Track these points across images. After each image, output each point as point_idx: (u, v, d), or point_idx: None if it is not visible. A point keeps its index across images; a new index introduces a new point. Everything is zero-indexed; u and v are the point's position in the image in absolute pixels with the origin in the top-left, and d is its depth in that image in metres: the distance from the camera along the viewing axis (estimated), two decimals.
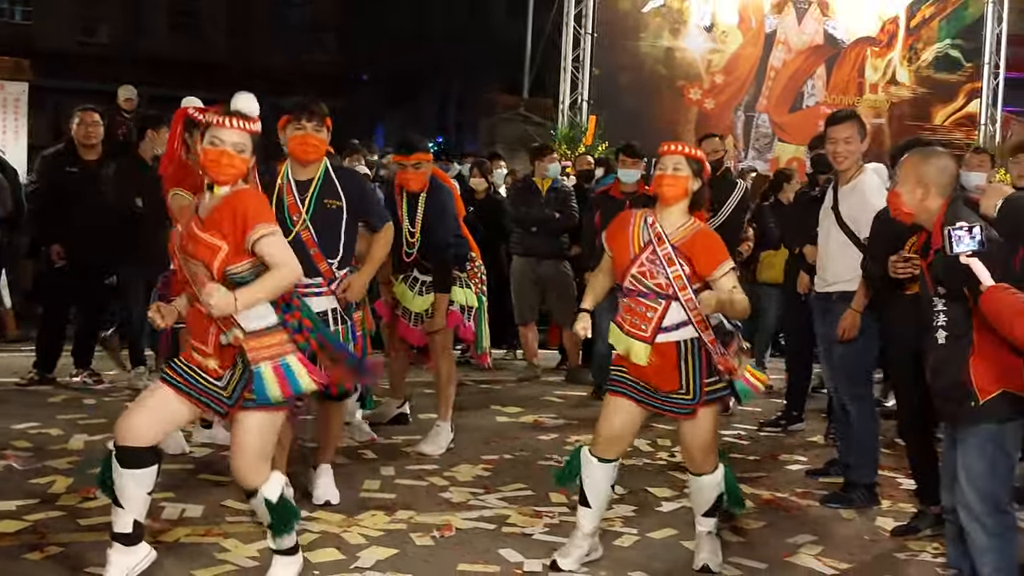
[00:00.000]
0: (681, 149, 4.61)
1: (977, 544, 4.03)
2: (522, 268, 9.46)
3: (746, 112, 15.51)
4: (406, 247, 6.55)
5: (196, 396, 4.09)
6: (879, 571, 4.85)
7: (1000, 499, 4.04)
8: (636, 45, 15.07)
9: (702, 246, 4.53)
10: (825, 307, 5.92)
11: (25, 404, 7.42)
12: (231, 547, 4.68)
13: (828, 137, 5.81)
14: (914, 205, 4.13)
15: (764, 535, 5.29)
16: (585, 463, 4.66)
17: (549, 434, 7.24)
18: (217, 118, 4.10)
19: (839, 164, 5.77)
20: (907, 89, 16.12)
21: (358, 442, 6.72)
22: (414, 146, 6.46)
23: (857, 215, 5.67)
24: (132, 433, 4.04)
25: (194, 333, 4.13)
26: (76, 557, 4.48)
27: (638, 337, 4.53)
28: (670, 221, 4.58)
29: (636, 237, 4.58)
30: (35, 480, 5.55)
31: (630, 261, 4.56)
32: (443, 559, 4.70)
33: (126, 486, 4.07)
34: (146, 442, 4.06)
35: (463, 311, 6.66)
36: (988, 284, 3.69)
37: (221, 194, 4.07)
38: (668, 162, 4.58)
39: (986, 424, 3.97)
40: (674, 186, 4.55)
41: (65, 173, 8.20)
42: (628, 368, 4.58)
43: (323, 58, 29.80)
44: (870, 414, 5.90)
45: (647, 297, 4.53)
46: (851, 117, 5.85)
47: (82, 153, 8.24)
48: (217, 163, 4.04)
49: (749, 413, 8.28)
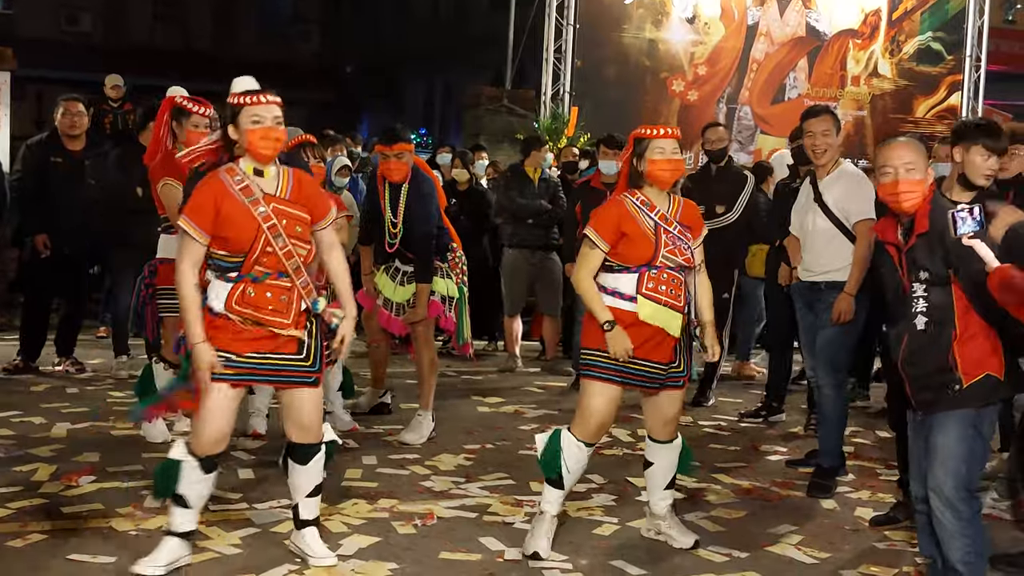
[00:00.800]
0: (675, 133, 4.74)
1: (948, 529, 4.02)
2: (515, 260, 9.47)
3: (728, 104, 15.53)
4: (388, 237, 6.57)
5: (262, 379, 4.30)
6: (859, 560, 4.87)
7: (973, 483, 4.06)
8: (619, 37, 15.07)
9: (694, 215, 4.83)
10: (812, 297, 6.00)
11: (7, 392, 7.42)
12: (213, 535, 4.69)
13: (806, 131, 5.95)
14: (923, 191, 4.07)
15: (745, 525, 5.32)
16: (569, 447, 4.69)
17: (530, 424, 7.26)
18: (251, 97, 4.19)
19: (818, 157, 5.91)
20: (889, 81, 16.16)
21: (340, 431, 6.72)
22: (396, 136, 6.48)
23: (847, 204, 5.82)
24: (220, 444, 4.24)
25: (263, 309, 4.16)
26: (58, 545, 4.49)
27: (677, 308, 4.64)
28: (661, 200, 4.72)
29: (643, 221, 4.66)
30: (18, 468, 5.55)
31: (654, 243, 4.63)
32: (425, 547, 4.72)
33: (203, 488, 4.27)
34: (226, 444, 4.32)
35: (444, 301, 6.68)
36: (994, 264, 3.66)
37: (275, 172, 4.24)
38: (667, 145, 4.67)
39: (967, 408, 3.98)
40: (678, 169, 4.72)
41: (50, 163, 8.17)
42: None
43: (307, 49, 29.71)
44: (841, 399, 6.00)
45: (675, 270, 4.67)
46: (826, 111, 6.02)
47: (66, 143, 8.21)
48: (267, 139, 4.15)
49: (730, 404, 8.33)
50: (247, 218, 4.13)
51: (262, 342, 4.18)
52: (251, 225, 4.13)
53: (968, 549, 4.03)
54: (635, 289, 4.63)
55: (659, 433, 4.88)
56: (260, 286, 4.16)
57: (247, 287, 4.16)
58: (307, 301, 4.24)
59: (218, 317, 4.16)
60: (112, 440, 6.25)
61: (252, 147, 4.17)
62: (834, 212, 5.85)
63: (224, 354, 4.14)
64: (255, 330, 4.16)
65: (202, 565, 4.36)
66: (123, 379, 7.92)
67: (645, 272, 4.63)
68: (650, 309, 4.61)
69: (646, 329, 4.61)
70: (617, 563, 4.66)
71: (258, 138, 4.15)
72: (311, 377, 4.29)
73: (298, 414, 4.35)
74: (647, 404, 4.87)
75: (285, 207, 4.21)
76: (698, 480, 6.03)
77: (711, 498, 5.73)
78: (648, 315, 4.61)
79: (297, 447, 4.40)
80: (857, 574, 4.70)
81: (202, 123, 5.92)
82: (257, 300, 4.16)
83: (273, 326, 4.17)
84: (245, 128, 4.17)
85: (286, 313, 4.19)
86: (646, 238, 4.63)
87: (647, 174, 4.69)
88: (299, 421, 4.36)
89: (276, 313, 4.17)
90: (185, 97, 5.96)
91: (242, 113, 4.18)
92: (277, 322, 4.17)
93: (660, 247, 4.62)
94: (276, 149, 4.22)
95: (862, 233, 5.71)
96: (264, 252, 4.15)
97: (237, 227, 4.13)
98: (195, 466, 4.20)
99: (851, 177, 5.94)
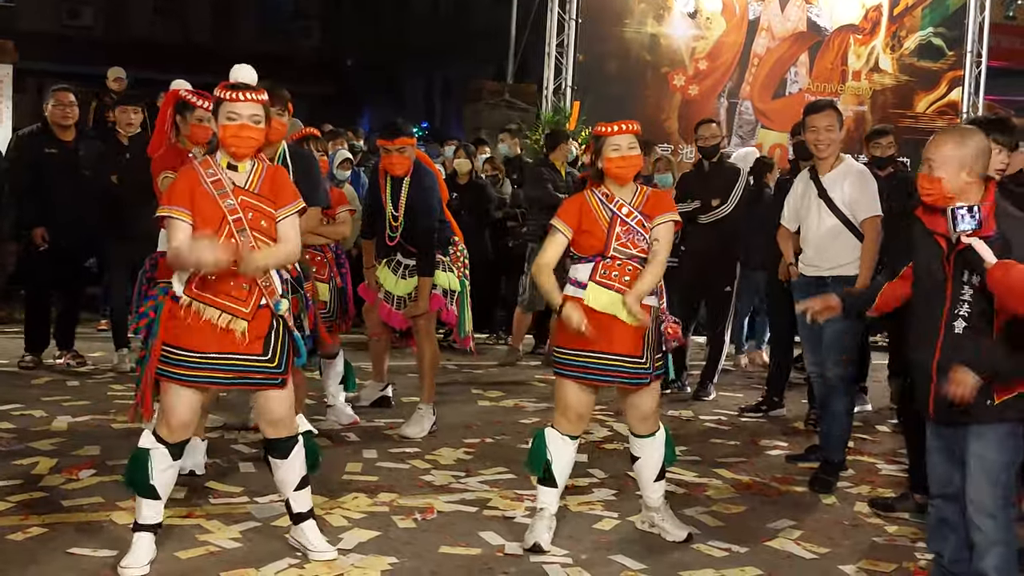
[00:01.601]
0: (632, 128, 4.73)
1: (988, 537, 3.91)
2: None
3: (729, 99, 15.50)
4: (389, 231, 6.58)
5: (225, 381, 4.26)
6: (858, 555, 4.88)
7: (1011, 492, 3.97)
8: (620, 31, 15.05)
9: (656, 200, 4.80)
10: (818, 291, 5.71)
11: (8, 385, 7.43)
12: (213, 529, 4.70)
13: (808, 126, 5.92)
14: (957, 190, 3.90)
15: (744, 519, 5.32)
16: (554, 442, 4.76)
17: (530, 418, 7.27)
18: (229, 93, 4.19)
19: (820, 152, 5.89)
20: (890, 77, 16.14)
21: (341, 424, 6.74)
22: (398, 130, 6.48)
23: (854, 201, 5.81)
24: (186, 430, 4.28)
25: (222, 294, 4.15)
26: (59, 538, 4.49)
27: (619, 291, 4.63)
28: (625, 193, 4.75)
29: (600, 213, 4.71)
30: (18, 461, 5.56)
31: (606, 235, 4.68)
32: (425, 542, 4.73)
33: (171, 477, 4.30)
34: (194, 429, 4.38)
35: (446, 295, 6.69)
36: (992, 261, 3.61)
37: (249, 167, 4.22)
38: (623, 141, 4.69)
39: (1007, 420, 3.86)
40: (635, 165, 4.73)
41: (44, 154, 8.15)
42: (579, 342, 4.62)
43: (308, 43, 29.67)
44: (849, 396, 5.99)
45: (632, 259, 4.69)
46: (830, 106, 5.98)
47: (59, 133, 8.19)
48: (238, 137, 4.16)
49: (730, 398, 8.34)
50: (214, 208, 4.15)
51: (226, 341, 4.16)
52: (216, 215, 4.15)
53: (1003, 556, 3.93)
54: (588, 276, 4.69)
55: (639, 428, 4.91)
56: (222, 272, 4.14)
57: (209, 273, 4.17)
58: (270, 301, 4.22)
59: (178, 306, 4.17)
60: (113, 434, 6.25)
61: (224, 143, 4.21)
62: (841, 209, 5.85)
63: (184, 352, 4.14)
64: (215, 326, 4.14)
65: (202, 559, 4.37)
66: (124, 372, 7.93)
67: (600, 261, 4.69)
68: (598, 295, 4.65)
69: (603, 319, 4.62)
70: (617, 557, 4.66)
71: (230, 135, 4.17)
72: (277, 379, 4.28)
73: (268, 412, 4.36)
74: (624, 401, 4.90)
75: (252, 200, 4.21)
76: (698, 474, 6.04)
77: (711, 493, 5.74)
78: (595, 300, 4.64)
79: (273, 442, 4.41)
80: (856, 569, 4.70)
81: (206, 117, 5.89)
82: (217, 284, 4.15)
83: (229, 311, 4.14)
84: (220, 123, 4.19)
85: (245, 302, 4.17)
86: (600, 230, 4.69)
87: (604, 170, 4.74)
88: (270, 418, 4.37)
89: (235, 300, 4.16)
90: (189, 91, 5.92)
91: (221, 107, 4.20)
92: (235, 309, 4.15)
93: (612, 240, 4.68)
94: (249, 147, 4.21)
95: (870, 230, 5.73)
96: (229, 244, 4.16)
97: (203, 217, 4.14)
98: (164, 453, 4.21)
99: (857, 174, 5.94)
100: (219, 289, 4.15)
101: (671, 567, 4.59)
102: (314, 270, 6.47)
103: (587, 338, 4.58)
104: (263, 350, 4.22)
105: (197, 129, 5.71)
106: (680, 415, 7.68)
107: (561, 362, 4.75)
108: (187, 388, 4.20)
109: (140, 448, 4.24)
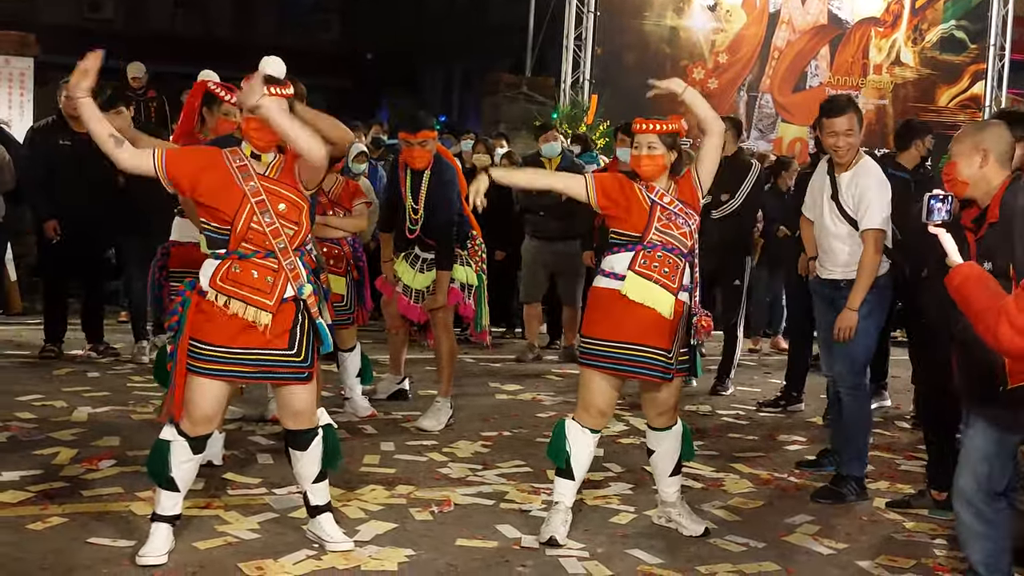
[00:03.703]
0: (653, 128, 4.69)
1: (971, 529, 3.95)
2: (533, 249, 9.47)
3: (749, 92, 15.48)
4: (409, 224, 6.58)
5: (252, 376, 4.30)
6: (876, 551, 4.86)
7: (997, 484, 3.94)
8: (639, 24, 15.03)
9: (684, 182, 4.78)
10: (833, 294, 5.71)
11: (30, 376, 7.47)
12: (232, 519, 4.72)
13: (827, 129, 5.56)
14: (972, 173, 3.92)
15: (761, 515, 5.31)
16: (575, 435, 4.74)
17: (547, 411, 7.28)
18: None
19: (840, 157, 5.57)
20: (911, 70, 16.08)
21: (358, 417, 6.76)
22: (420, 123, 6.47)
23: (859, 203, 5.53)
24: (209, 424, 4.30)
25: (246, 287, 4.17)
26: (79, 527, 4.52)
27: (670, 289, 4.62)
28: (660, 184, 4.73)
29: (643, 196, 4.69)
30: (39, 451, 5.59)
31: (648, 216, 4.65)
32: (442, 534, 4.73)
33: (191, 470, 4.32)
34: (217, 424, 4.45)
35: (463, 289, 6.69)
36: (955, 260, 3.53)
37: (271, 157, 4.26)
38: (642, 141, 4.68)
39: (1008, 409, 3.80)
40: (651, 165, 4.68)
41: (59, 146, 8.15)
42: (609, 332, 4.62)
43: (327, 37, 29.71)
44: (865, 406, 5.79)
45: (672, 252, 4.65)
46: (849, 106, 5.59)
47: (73, 125, 8.20)
48: (261, 130, 4.19)
49: (748, 393, 8.33)
50: (233, 187, 4.18)
51: (252, 335, 4.18)
52: (236, 193, 4.18)
53: (989, 551, 3.93)
54: (627, 266, 4.65)
55: (656, 421, 4.89)
56: (246, 263, 4.18)
57: (233, 264, 4.19)
58: (293, 286, 4.23)
59: (204, 300, 4.19)
60: (133, 424, 6.29)
61: (247, 135, 4.26)
62: (850, 213, 5.57)
63: (209, 346, 4.16)
64: (241, 321, 4.16)
65: (220, 550, 4.39)
66: (144, 364, 7.96)
67: (640, 250, 4.65)
68: (638, 285, 4.61)
69: (638, 310, 4.60)
70: (634, 551, 4.66)
71: (251, 128, 4.22)
72: (303, 373, 4.29)
73: (290, 404, 4.37)
74: (644, 393, 4.88)
75: (272, 185, 4.24)
76: (716, 469, 6.03)
77: (729, 487, 5.73)
78: (634, 290, 4.61)
79: (293, 434, 4.43)
80: (875, 565, 4.68)
81: (233, 112, 5.88)
82: (241, 277, 4.17)
83: (254, 304, 4.16)
84: (244, 115, 4.24)
85: (269, 295, 4.19)
86: (642, 209, 4.67)
87: (631, 166, 4.77)
88: (291, 409, 4.38)
89: (259, 293, 4.18)
90: (218, 84, 5.87)
91: None
92: (259, 301, 4.17)
93: (653, 221, 4.65)
94: (273, 140, 4.23)
95: (870, 242, 5.45)
96: (250, 228, 4.17)
97: (223, 197, 4.18)
98: (184, 446, 4.24)
99: (866, 180, 5.55)
100: (244, 282, 4.17)
101: (688, 561, 4.59)
102: (331, 263, 6.49)
103: (618, 328, 4.59)
104: (288, 344, 4.24)
105: (223, 123, 5.69)
106: (698, 409, 7.67)
107: (589, 352, 4.71)
108: (211, 381, 4.21)
109: (161, 440, 4.26)
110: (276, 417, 6.32)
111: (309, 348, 4.29)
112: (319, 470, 4.46)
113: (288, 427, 4.44)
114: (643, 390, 4.88)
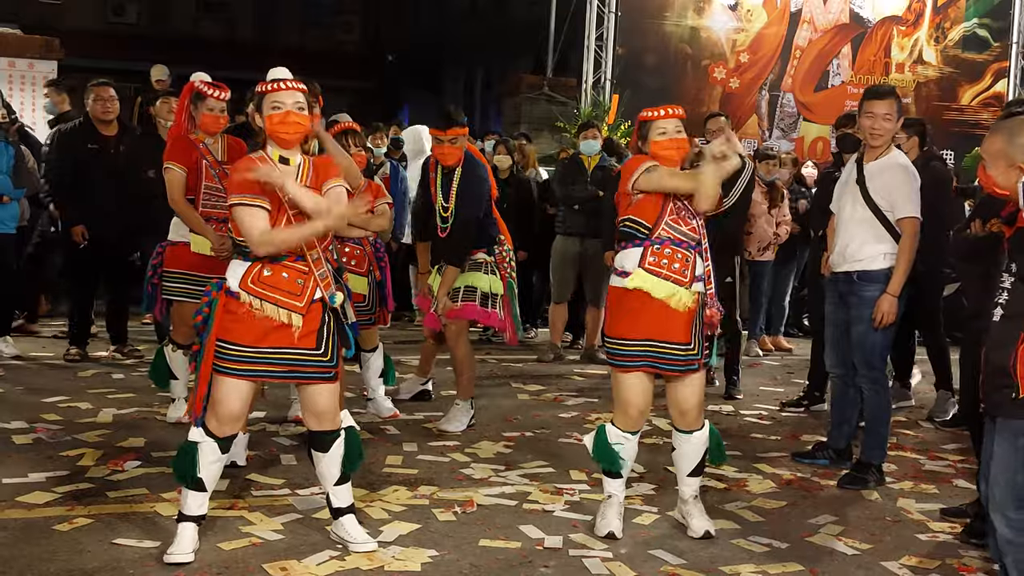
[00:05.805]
0: (676, 112, 4.75)
1: (1001, 536, 3.87)
2: (564, 247, 9.43)
3: (771, 91, 15.43)
4: (440, 222, 6.51)
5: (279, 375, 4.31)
6: (900, 551, 4.84)
7: None
8: (660, 24, 15.01)
9: None
10: (846, 289, 5.77)
11: (55, 378, 7.52)
12: (256, 520, 4.74)
13: (865, 111, 5.60)
14: (1009, 186, 3.85)
15: (785, 515, 5.30)
16: (618, 439, 4.78)
17: (570, 412, 7.28)
18: (271, 84, 4.27)
19: (874, 140, 5.60)
20: (934, 69, 15.99)
21: (380, 417, 6.78)
22: (451, 120, 6.37)
23: (892, 197, 5.58)
24: (236, 424, 4.32)
25: (277, 290, 4.19)
26: (105, 528, 4.55)
27: (682, 284, 4.64)
28: None
29: None
30: (64, 453, 5.63)
31: (661, 207, 4.67)
32: (465, 535, 4.74)
33: (218, 470, 4.35)
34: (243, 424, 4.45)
35: (485, 299, 6.53)
36: None
37: (299, 161, 4.29)
38: (668, 125, 4.71)
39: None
40: (682, 148, 4.72)
41: (86, 149, 8.20)
42: (638, 332, 4.63)
43: (349, 38, 29.82)
44: (885, 397, 5.86)
45: (681, 246, 4.67)
46: (891, 93, 5.66)
47: (100, 128, 8.23)
48: (284, 123, 4.21)
49: (771, 393, 8.30)
50: (274, 195, 4.17)
51: (280, 335, 4.20)
52: (275, 201, 4.18)
53: (1020, 559, 3.85)
54: (636, 263, 4.67)
55: (680, 422, 4.89)
56: (277, 266, 4.20)
57: (264, 267, 4.21)
58: (324, 292, 4.26)
59: (233, 300, 4.21)
60: (158, 425, 6.32)
61: (272, 133, 4.25)
62: (876, 201, 5.60)
63: (237, 346, 4.18)
64: (270, 321, 4.18)
65: (244, 550, 4.41)
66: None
67: (648, 246, 4.67)
68: (646, 281, 4.63)
69: (654, 305, 4.62)
70: (656, 552, 4.65)
71: (276, 123, 4.22)
72: (329, 372, 4.32)
73: (313, 403, 4.38)
74: (669, 394, 4.88)
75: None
76: (739, 470, 6.02)
77: (752, 488, 5.71)
78: (641, 285, 4.63)
79: (315, 435, 4.44)
80: (899, 565, 4.66)
81: (216, 107, 6.03)
82: (273, 280, 4.20)
83: (286, 307, 4.19)
84: (266, 115, 4.24)
85: (300, 296, 4.22)
86: (657, 199, 4.68)
87: (652, 154, 4.74)
88: (314, 410, 4.39)
89: (290, 295, 4.21)
90: (204, 82, 6.06)
91: (264, 100, 4.26)
92: (291, 304, 4.20)
93: (665, 213, 4.67)
94: (297, 133, 4.25)
95: (908, 231, 5.51)
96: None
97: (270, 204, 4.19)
98: (213, 446, 4.26)
99: (900, 169, 5.62)
100: (275, 284, 4.20)
101: (711, 562, 4.58)
102: (353, 263, 6.49)
103: (636, 325, 4.61)
104: (316, 344, 4.26)
105: (208, 118, 5.97)
106: (720, 410, 7.66)
107: (622, 354, 4.70)
108: (239, 381, 4.24)
109: (189, 441, 4.29)
110: (298, 417, 6.38)
111: (335, 348, 4.32)
112: (340, 472, 4.48)
113: (311, 428, 4.46)
114: (668, 391, 4.88)
